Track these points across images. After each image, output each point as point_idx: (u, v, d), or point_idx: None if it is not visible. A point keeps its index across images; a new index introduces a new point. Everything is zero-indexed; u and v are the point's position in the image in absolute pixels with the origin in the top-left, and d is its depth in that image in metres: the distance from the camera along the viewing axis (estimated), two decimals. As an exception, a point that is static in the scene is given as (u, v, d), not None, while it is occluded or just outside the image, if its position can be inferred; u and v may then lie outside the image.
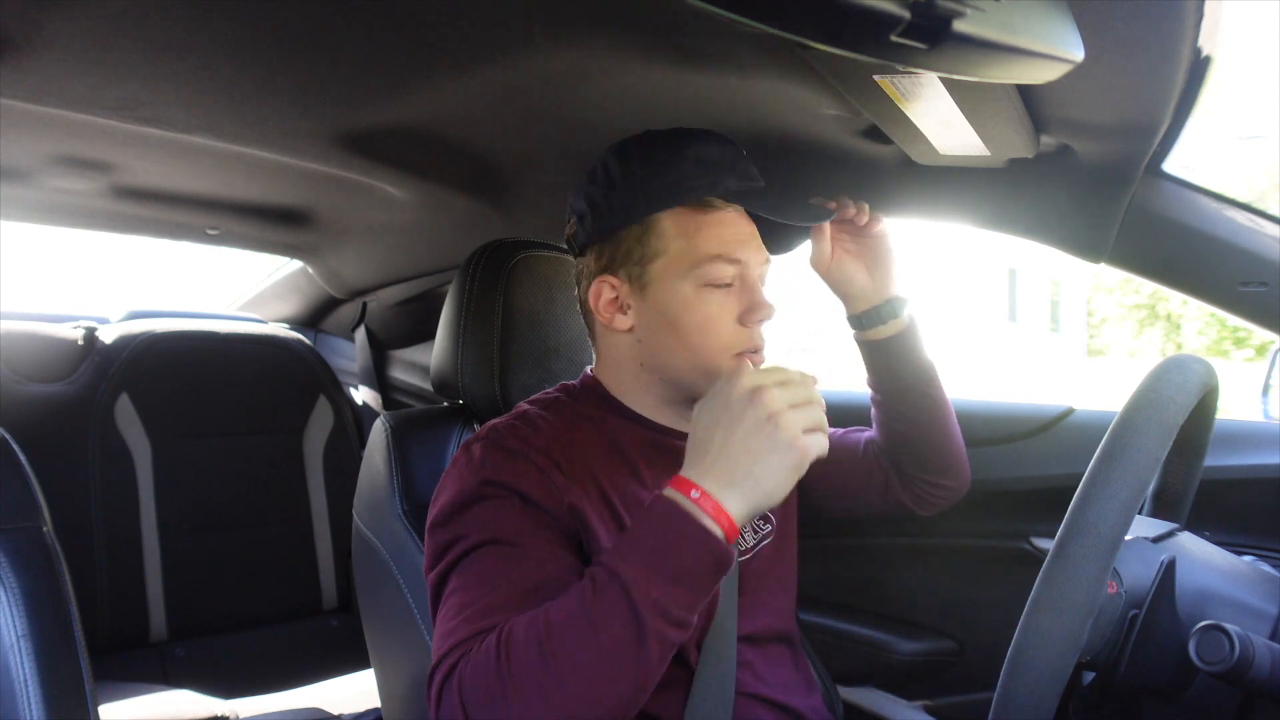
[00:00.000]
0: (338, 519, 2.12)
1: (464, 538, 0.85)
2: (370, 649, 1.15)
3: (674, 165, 0.93)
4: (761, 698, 0.96)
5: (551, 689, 0.70)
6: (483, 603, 0.79)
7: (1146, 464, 0.67)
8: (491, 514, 0.86)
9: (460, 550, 0.84)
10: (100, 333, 1.95)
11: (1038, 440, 1.40)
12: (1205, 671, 0.68)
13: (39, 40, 0.93)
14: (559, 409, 0.97)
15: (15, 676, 0.78)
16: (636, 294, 0.94)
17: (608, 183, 0.95)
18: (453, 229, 1.70)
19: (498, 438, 0.92)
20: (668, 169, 0.93)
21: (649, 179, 0.93)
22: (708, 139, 0.94)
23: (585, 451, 0.93)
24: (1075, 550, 0.65)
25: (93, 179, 1.51)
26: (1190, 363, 0.76)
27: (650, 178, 0.93)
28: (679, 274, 0.92)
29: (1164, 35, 0.77)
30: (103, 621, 1.82)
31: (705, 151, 0.93)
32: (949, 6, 0.56)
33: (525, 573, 0.81)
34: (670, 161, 0.93)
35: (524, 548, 0.83)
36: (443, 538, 0.87)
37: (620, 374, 0.99)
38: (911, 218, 1.35)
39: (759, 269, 0.95)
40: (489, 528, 0.84)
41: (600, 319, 0.97)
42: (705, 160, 0.93)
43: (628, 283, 0.94)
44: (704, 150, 0.93)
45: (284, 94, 1.11)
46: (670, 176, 0.92)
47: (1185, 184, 1.15)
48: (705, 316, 0.92)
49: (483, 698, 0.72)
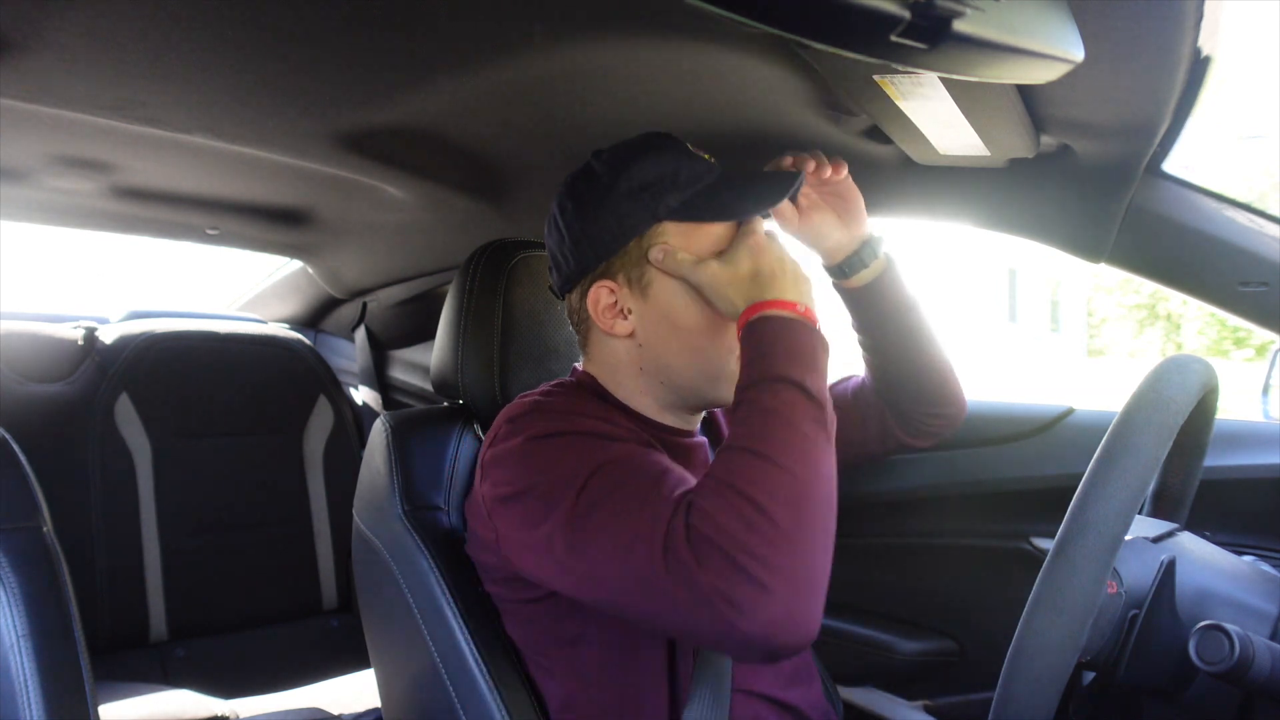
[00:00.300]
0: (338, 519, 2.12)
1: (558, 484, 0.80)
2: (370, 649, 1.15)
3: (608, 206, 0.90)
4: (758, 694, 0.96)
5: (788, 481, 0.72)
6: (651, 492, 0.76)
7: (1146, 464, 0.67)
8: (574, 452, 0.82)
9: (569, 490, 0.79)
10: (100, 333, 1.95)
11: (1038, 440, 1.40)
12: (1205, 671, 0.68)
13: (39, 40, 0.93)
14: (565, 396, 0.96)
15: (15, 676, 0.78)
16: (637, 297, 0.92)
17: (558, 237, 0.95)
18: (452, 229, 1.70)
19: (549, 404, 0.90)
20: (602, 212, 0.91)
21: (590, 229, 0.91)
22: (642, 157, 0.91)
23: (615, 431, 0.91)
24: (1075, 550, 0.65)
25: (93, 179, 1.51)
26: (1190, 363, 0.76)
27: (589, 227, 0.91)
28: (681, 277, 0.90)
29: (1164, 35, 0.77)
30: (103, 621, 1.82)
31: (639, 175, 0.90)
32: (949, 6, 0.56)
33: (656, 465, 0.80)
34: (604, 203, 0.91)
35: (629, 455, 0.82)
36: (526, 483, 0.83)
37: (618, 377, 0.96)
38: (911, 218, 1.35)
39: None
40: (586, 461, 0.81)
41: (599, 325, 0.93)
42: (639, 186, 0.90)
43: (626, 285, 0.92)
44: (636, 175, 0.90)
45: (284, 94, 1.11)
46: (607, 221, 0.90)
47: (1185, 184, 1.15)
48: (709, 318, 0.91)
49: (727, 525, 0.69)
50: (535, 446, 0.85)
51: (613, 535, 0.76)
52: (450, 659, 0.96)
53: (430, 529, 1.03)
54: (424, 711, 1.00)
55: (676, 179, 0.91)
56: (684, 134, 1.22)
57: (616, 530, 0.75)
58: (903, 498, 1.49)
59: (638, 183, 0.90)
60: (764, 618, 0.68)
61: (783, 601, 0.68)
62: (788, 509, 0.70)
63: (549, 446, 0.84)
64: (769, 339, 0.80)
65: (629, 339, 0.93)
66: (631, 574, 0.74)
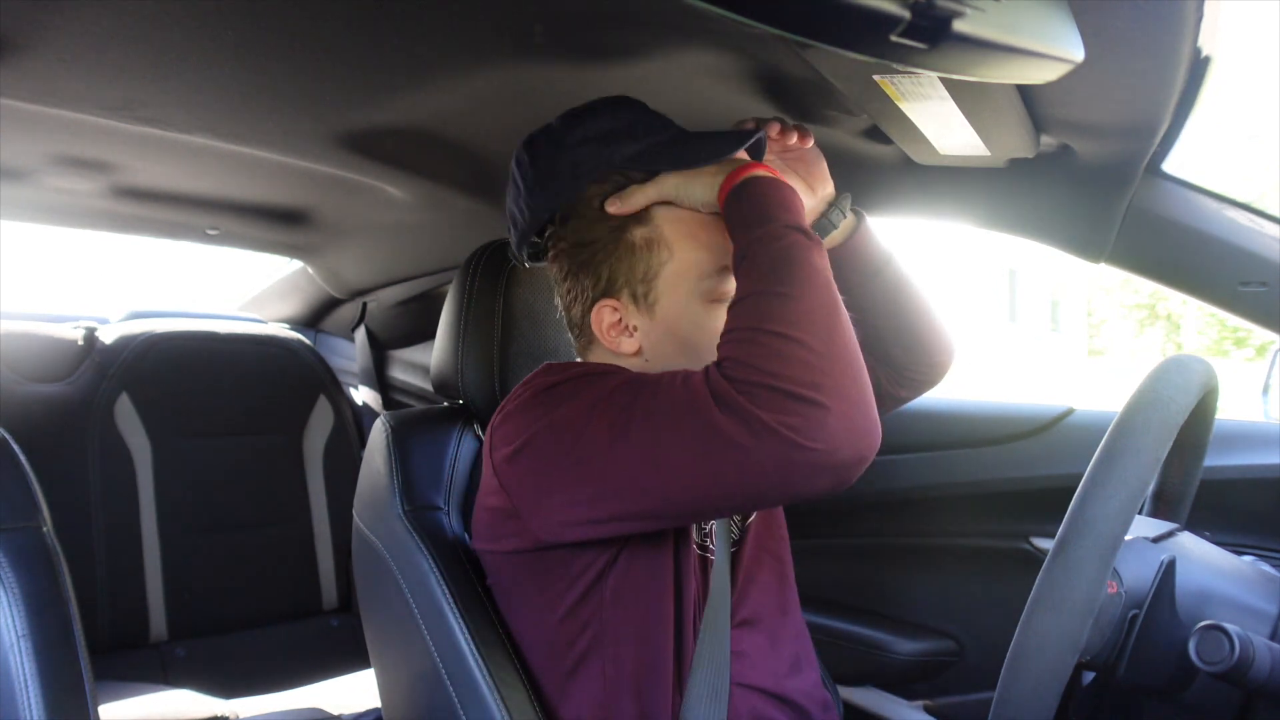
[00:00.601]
0: (338, 519, 2.12)
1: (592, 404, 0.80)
2: (370, 649, 1.15)
3: (563, 155, 0.92)
4: (756, 687, 0.96)
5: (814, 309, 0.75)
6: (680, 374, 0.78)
7: (1146, 464, 0.67)
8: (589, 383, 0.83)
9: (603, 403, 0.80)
10: (100, 333, 1.95)
11: (1038, 440, 1.40)
12: (1205, 671, 0.68)
13: (39, 40, 0.93)
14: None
15: (15, 676, 0.78)
16: (644, 314, 0.91)
17: (515, 191, 0.95)
18: (453, 229, 1.70)
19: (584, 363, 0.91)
20: (556, 161, 0.92)
21: (542, 178, 0.92)
22: (596, 112, 0.93)
23: None
24: (1075, 550, 0.65)
25: (93, 179, 1.51)
26: (1190, 363, 0.76)
27: (542, 176, 0.92)
28: (688, 290, 0.89)
29: (1164, 35, 0.77)
30: (103, 621, 1.82)
31: (594, 126, 0.92)
32: (949, 6, 0.56)
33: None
34: (558, 153, 0.92)
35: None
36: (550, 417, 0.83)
37: None
38: (912, 217, 1.35)
39: None
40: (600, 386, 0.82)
41: (605, 343, 0.93)
42: (594, 136, 0.91)
43: (632, 303, 0.91)
44: (591, 126, 0.92)
45: (284, 94, 1.11)
46: (560, 167, 0.91)
47: (1185, 184, 1.15)
48: (714, 329, 0.86)
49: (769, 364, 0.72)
50: (544, 395, 0.85)
51: (659, 420, 0.76)
52: (450, 659, 0.96)
53: (430, 529, 1.03)
54: (424, 711, 1.00)
55: (633, 131, 0.91)
56: (684, 134, 1.22)
57: (661, 415, 0.76)
58: (903, 498, 1.49)
59: (593, 133, 0.91)
60: (829, 435, 0.70)
61: (842, 417, 0.71)
62: (821, 335, 0.73)
63: (558, 392, 0.85)
64: (757, 197, 0.83)
65: (635, 356, 0.93)
66: (689, 445, 0.74)
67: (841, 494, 0.77)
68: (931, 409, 1.50)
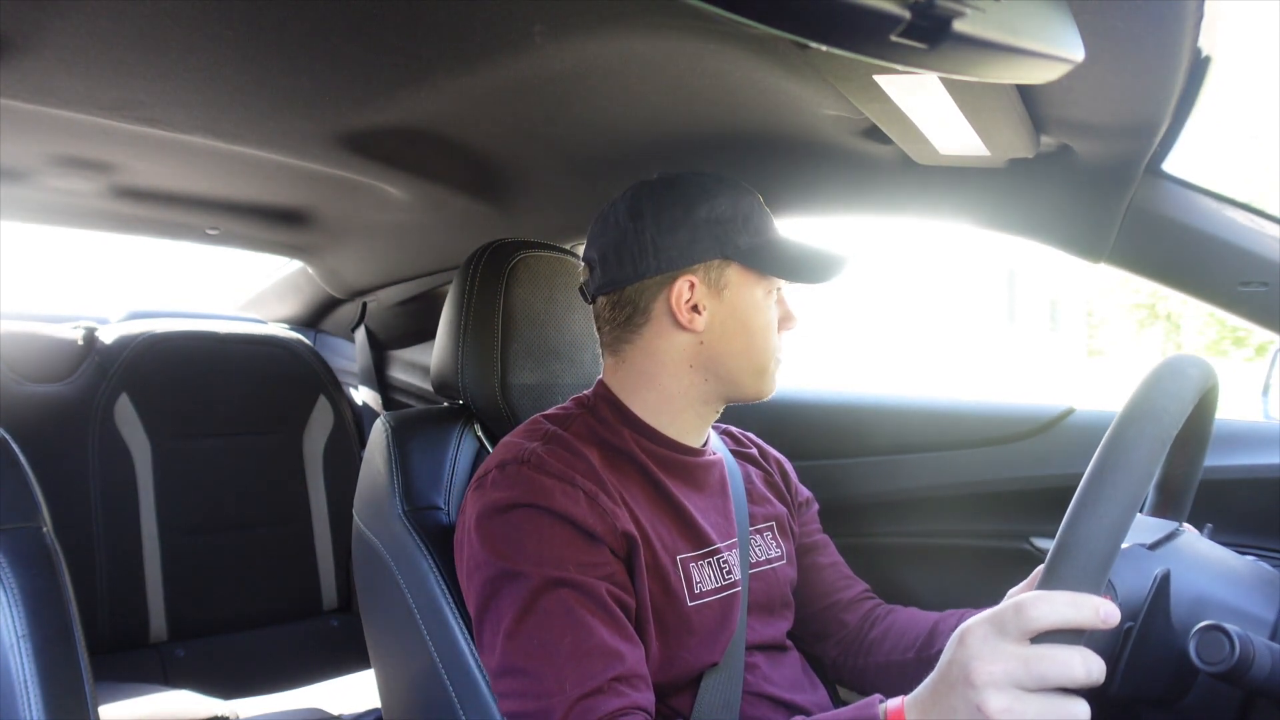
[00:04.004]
0: (338, 519, 2.12)
1: (522, 574, 0.85)
2: (370, 649, 1.15)
3: (684, 225, 0.95)
4: (767, 696, 0.97)
5: None
6: (584, 666, 0.80)
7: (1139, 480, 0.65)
8: (548, 543, 0.86)
9: (525, 589, 0.84)
10: (100, 333, 1.95)
11: (1038, 440, 1.40)
12: (1205, 672, 0.68)
13: (39, 40, 0.93)
14: (580, 425, 0.98)
15: (15, 677, 0.78)
16: (713, 296, 0.96)
17: (619, 236, 0.97)
18: (452, 229, 1.70)
19: (540, 463, 0.90)
20: (678, 228, 0.95)
21: (659, 237, 0.95)
22: (720, 192, 0.97)
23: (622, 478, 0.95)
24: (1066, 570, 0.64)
25: (92, 179, 1.51)
26: (1186, 367, 0.74)
27: (660, 235, 0.95)
28: (754, 280, 0.97)
29: (1164, 35, 0.77)
30: (103, 622, 1.82)
31: (717, 208, 0.96)
32: (949, 6, 0.56)
33: (604, 622, 0.84)
34: (682, 221, 0.95)
35: (592, 587, 0.85)
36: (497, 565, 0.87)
37: (650, 383, 0.99)
38: (911, 218, 1.35)
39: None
40: (549, 561, 0.85)
41: (679, 318, 0.97)
42: (715, 219, 0.95)
43: (705, 285, 0.96)
44: (716, 207, 0.96)
45: (284, 94, 1.11)
46: (681, 236, 0.95)
47: (1185, 184, 1.15)
48: (769, 321, 0.99)
49: None
50: (501, 518, 0.88)
51: (524, 685, 0.82)
52: (450, 659, 0.96)
53: (430, 529, 1.03)
54: (424, 711, 1.00)
55: (749, 222, 0.97)
56: (685, 134, 1.23)
57: (528, 683, 0.82)
58: (903, 498, 1.49)
59: (717, 214, 0.96)
60: None
61: None
62: None
63: (512, 521, 0.88)
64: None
65: (692, 334, 0.97)
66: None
67: (841, 494, 0.78)
68: (932, 409, 1.50)
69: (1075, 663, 0.58)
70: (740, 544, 1.01)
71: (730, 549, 1.00)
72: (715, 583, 0.96)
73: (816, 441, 1.53)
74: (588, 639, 0.81)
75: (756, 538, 1.06)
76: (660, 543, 0.92)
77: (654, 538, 0.92)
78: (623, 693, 0.80)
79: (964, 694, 0.60)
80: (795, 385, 1.60)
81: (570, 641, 0.81)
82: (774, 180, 1.31)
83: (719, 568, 0.97)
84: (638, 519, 0.92)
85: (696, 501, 0.99)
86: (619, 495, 0.91)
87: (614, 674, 0.80)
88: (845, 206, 1.36)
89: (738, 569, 0.99)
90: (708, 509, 1.00)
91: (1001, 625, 0.61)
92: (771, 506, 1.12)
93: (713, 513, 1.01)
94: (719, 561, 0.97)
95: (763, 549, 1.06)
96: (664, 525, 0.94)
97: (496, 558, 0.86)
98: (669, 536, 0.94)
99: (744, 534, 1.03)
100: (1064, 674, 0.58)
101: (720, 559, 0.98)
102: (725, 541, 1.00)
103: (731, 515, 1.03)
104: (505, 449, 0.95)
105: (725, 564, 0.98)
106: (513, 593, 0.84)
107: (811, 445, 1.52)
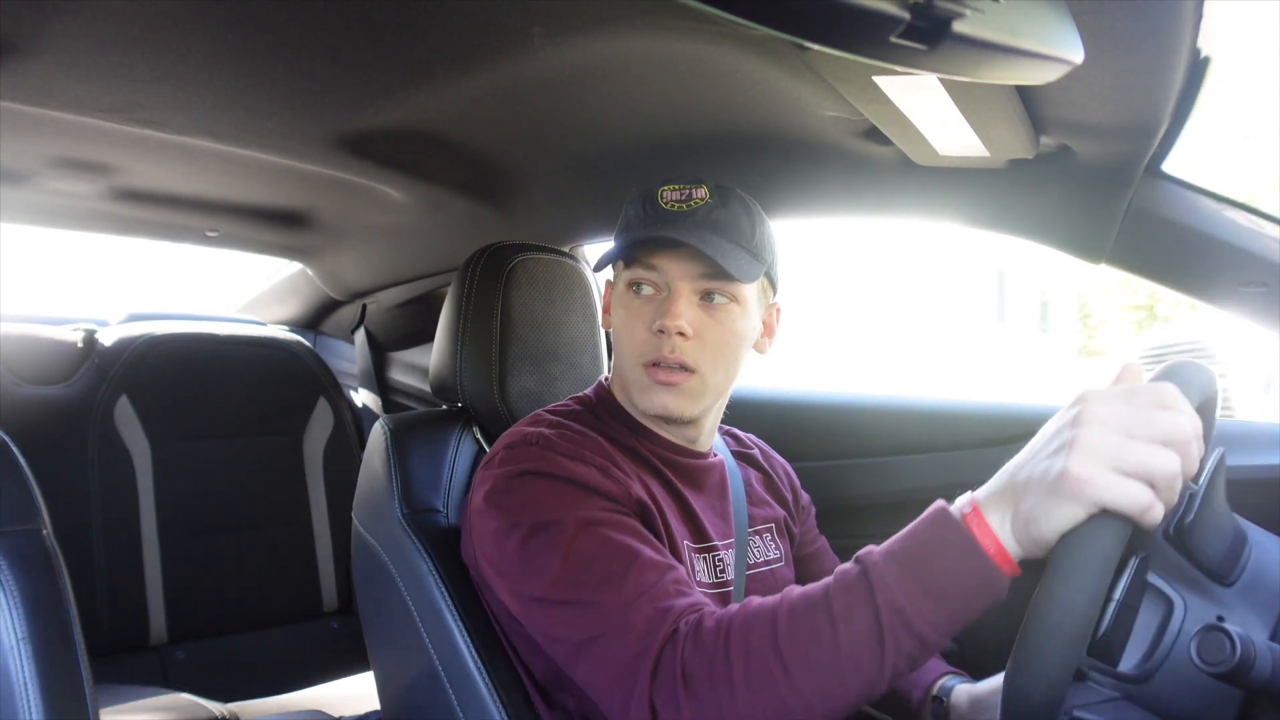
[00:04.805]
0: (338, 521, 2.12)
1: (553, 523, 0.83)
2: (370, 651, 1.15)
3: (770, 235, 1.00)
4: None
5: (779, 677, 0.68)
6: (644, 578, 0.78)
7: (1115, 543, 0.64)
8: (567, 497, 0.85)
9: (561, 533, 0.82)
10: (100, 335, 1.95)
11: (1037, 441, 1.40)
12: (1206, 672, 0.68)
13: (39, 43, 0.93)
14: (585, 418, 0.98)
15: (15, 680, 0.78)
16: (614, 292, 0.99)
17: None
18: (452, 231, 1.70)
19: (549, 443, 0.90)
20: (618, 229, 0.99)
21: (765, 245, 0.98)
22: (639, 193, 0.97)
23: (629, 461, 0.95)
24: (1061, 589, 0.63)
25: (92, 181, 1.51)
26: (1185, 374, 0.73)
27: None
28: (620, 273, 0.97)
29: (1164, 35, 0.77)
30: (103, 624, 1.82)
31: (629, 207, 0.97)
32: (949, 7, 0.56)
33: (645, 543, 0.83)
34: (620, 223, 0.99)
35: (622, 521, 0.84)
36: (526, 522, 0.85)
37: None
38: (911, 218, 1.34)
39: (691, 283, 0.93)
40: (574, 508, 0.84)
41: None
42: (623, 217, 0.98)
43: (613, 285, 1.00)
44: (629, 205, 0.97)
45: (283, 96, 1.11)
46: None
47: (1185, 184, 1.15)
48: (623, 318, 0.95)
49: (705, 678, 0.70)
50: (518, 483, 0.87)
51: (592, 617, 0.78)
52: (449, 661, 0.96)
53: (429, 531, 1.03)
54: (424, 713, 1.00)
55: (625, 215, 0.99)
56: (684, 135, 1.22)
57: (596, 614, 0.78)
58: (903, 498, 1.49)
59: (626, 213, 0.99)
60: None
61: None
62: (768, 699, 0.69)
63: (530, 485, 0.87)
64: (920, 527, 0.70)
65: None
66: (600, 660, 0.77)
67: (839, 495, 0.78)
68: (930, 410, 1.50)
69: (1184, 420, 0.59)
70: (738, 545, 1.01)
71: (727, 549, 1.00)
72: (710, 578, 0.96)
73: (814, 442, 1.53)
74: (636, 557, 0.80)
75: (755, 539, 1.06)
76: (668, 524, 0.93)
77: (665, 514, 0.93)
78: (686, 593, 0.79)
79: (1063, 435, 0.61)
80: (793, 386, 1.60)
81: (619, 565, 0.79)
82: (773, 181, 1.31)
83: (714, 565, 0.98)
84: (651, 492, 0.93)
85: (697, 500, 1.00)
86: (630, 470, 0.92)
87: (672, 579, 0.79)
88: (844, 207, 1.36)
89: (732, 569, 0.99)
90: (707, 509, 1.01)
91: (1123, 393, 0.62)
92: (771, 508, 1.12)
93: (711, 513, 1.01)
94: (715, 559, 0.98)
95: (761, 550, 1.06)
96: (670, 511, 0.95)
97: (522, 517, 0.85)
98: (675, 522, 0.95)
99: (742, 535, 1.03)
100: (1174, 425, 0.59)
101: (717, 556, 0.98)
102: (723, 541, 1.00)
103: (730, 517, 1.03)
104: (511, 435, 0.94)
105: (721, 562, 0.98)
106: (549, 540, 0.82)
107: (809, 446, 1.52)
